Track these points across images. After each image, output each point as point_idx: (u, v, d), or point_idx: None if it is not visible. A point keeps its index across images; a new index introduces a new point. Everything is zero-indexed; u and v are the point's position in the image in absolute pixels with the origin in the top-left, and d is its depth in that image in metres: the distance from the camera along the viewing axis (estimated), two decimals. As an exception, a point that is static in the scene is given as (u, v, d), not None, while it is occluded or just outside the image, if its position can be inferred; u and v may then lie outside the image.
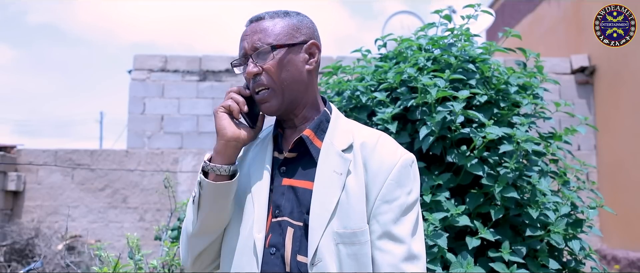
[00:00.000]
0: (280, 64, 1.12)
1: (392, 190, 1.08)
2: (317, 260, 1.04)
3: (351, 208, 1.06)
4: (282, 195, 1.13)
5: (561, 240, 1.75)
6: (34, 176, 6.22)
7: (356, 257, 1.04)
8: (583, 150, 6.52)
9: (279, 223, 1.11)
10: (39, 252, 5.50)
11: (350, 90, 2.07)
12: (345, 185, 1.08)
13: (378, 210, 1.07)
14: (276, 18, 1.15)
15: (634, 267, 5.61)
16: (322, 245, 1.04)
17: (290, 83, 1.13)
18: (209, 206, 1.12)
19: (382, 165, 1.09)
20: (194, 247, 1.17)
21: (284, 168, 1.15)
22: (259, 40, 1.13)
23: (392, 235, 1.06)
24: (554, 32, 7.69)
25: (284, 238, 1.09)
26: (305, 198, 1.10)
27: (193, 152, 6.34)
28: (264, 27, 1.14)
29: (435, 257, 1.68)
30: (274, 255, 1.09)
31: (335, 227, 1.05)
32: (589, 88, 6.66)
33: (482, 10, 2.13)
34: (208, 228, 1.15)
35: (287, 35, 1.14)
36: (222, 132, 1.11)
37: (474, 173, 1.80)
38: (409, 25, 6.55)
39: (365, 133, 1.16)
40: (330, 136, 1.14)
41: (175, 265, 2.48)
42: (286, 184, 1.14)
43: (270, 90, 1.13)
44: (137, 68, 6.51)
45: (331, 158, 1.11)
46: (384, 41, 2.28)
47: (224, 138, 1.11)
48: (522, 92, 1.99)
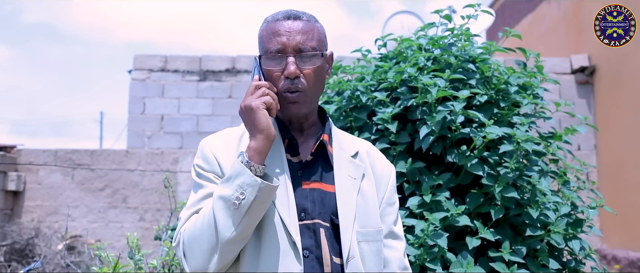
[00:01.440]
0: (317, 72, 1.14)
1: (392, 194, 1.25)
2: (350, 258, 1.10)
3: (369, 209, 1.17)
4: (306, 198, 1.13)
5: (561, 240, 1.75)
6: (34, 176, 6.22)
7: (377, 253, 1.15)
8: (583, 150, 6.52)
9: (307, 225, 1.11)
10: (39, 252, 5.50)
11: (350, 90, 2.07)
12: (361, 189, 1.17)
13: (384, 212, 1.21)
14: (312, 21, 1.16)
15: (634, 267, 5.60)
16: (353, 244, 1.12)
17: (318, 91, 1.17)
18: (258, 210, 1.05)
19: (383, 172, 1.24)
20: (227, 253, 1.06)
21: (301, 172, 1.15)
22: (304, 42, 1.11)
23: (394, 233, 1.22)
24: (554, 32, 7.69)
25: (318, 240, 1.11)
26: (329, 201, 1.13)
27: (193, 152, 6.34)
28: (308, 28, 1.13)
29: (435, 257, 1.68)
30: (308, 258, 1.09)
31: (357, 227, 1.14)
32: (589, 88, 6.66)
33: (482, 10, 2.13)
34: (248, 233, 1.07)
35: (323, 43, 1.17)
36: (268, 131, 1.07)
37: (474, 173, 1.80)
38: (409, 25, 6.55)
39: (360, 142, 1.28)
40: (338, 142, 1.21)
41: (175, 265, 2.48)
42: (308, 187, 1.14)
43: (303, 94, 1.12)
44: (137, 68, 6.51)
45: (344, 163, 1.18)
46: (384, 40, 2.28)
47: (269, 137, 1.07)
48: (522, 92, 1.99)
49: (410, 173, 1.84)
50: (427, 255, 1.68)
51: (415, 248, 1.70)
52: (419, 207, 1.78)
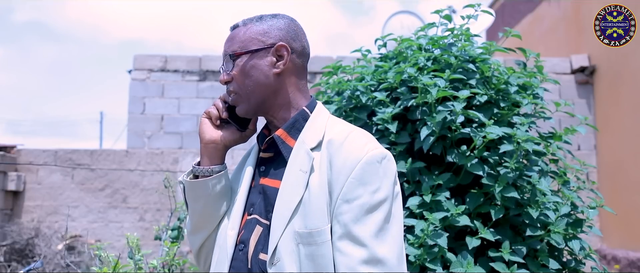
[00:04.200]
0: (242, 71, 1.16)
1: (353, 188, 1.02)
2: (275, 260, 1.04)
3: (311, 207, 1.03)
4: (259, 194, 1.17)
5: (561, 240, 1.75)
6: (34, 176, 6.22)
7: (313, 257, 1.01)
8: (583, 150, 6.52)
9: (250, 220, 1.16)
10: (39, 252, 5.50)
11: (350, 90, 2.07)
12: (308, 184, 1.06)
13: (338, 209, 1.02)
14: (249, 24, 1.19)
15: (634, 267, 5.61)
16: (282, 245, 1.04)
17: (254, 88, 1.16)
18: (192, 204, 1.21)
19: (346, 162, 1.03)
20: (192, 243, 1.27)
21: (263, 168, 1.20)
22: (229, 48, 1.18)
23: (352, 235, 1.00)
24: (554, 32, 7.69)
25: (251, 235, 1.13)
26: (272, 197, 1.12)
27: (193, 152, 6.34)
28: (234, 35, 1.19)
29: (435, 257, 1.69)
30: (242, 252, 1.13)
31: (297, 227, 1.04)
32: (589, 88, 6.66)
33: (482, 10, 2.13)
34: (198, 226, 1.23)
35: (252, 41, 1.17)
36: (200, 136, 1.22)
37: (474, 173, 1.80)
38: (409, 25, 6.55)
39: (337, 129, 1.12)
40: (304, 134, 1.14)
41: (175, 265, 2.48)
42: (261, 183, 1.18)
43: (237, 95, 1.18)
44: (137, 68, 6.51)
45: (300, 156, 1.10)
46: (384, 40, 2.28)
47: (201, 141, 1.22)
48: (522, 92, 1.99)
49: (410, 173, 1.84)
50: (427, 255, 1.68)
51: (415, 248, 1.70)
52: (419, 207, 1.78)
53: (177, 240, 3.21)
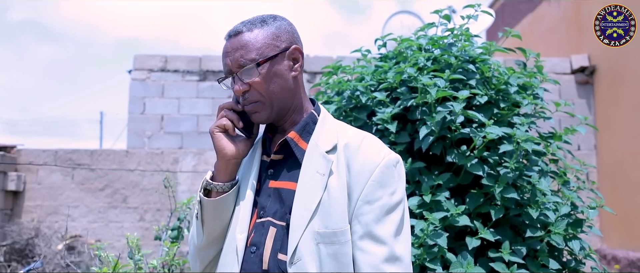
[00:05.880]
0: (266, 78, 1.13)
1: (373, 190, 1.07)
2: (296, 259, 1.05)
3: (332, 208, 1.07)
4: (269, 197, 1.16)
5: (561, 240, 1.75)
6: (34, 176, 6.22)
7: (336, 256, 1.04)
8: (583, 150, 6.52)
9: (262, 223, 1.14)
10: (39, 252, 5.50)
11: (350, 90, 2.07)
12: (327, 186, 1.09)
13: (360, 210, 1.07)
14: (255, 29, 1.15)
15: (634, 267, 5.61)
16: (302, 245, 1.06)
17: (278, 93, 1.15)
18: (212, 221, 1.18)
19: (364, 166, 1.09)
20: (204, 258, 1.22)
21: (272, 171, 1.18)
22: (242, 57, 1.13)
23: (373, 235, 1.06)
24: (554, 32, 7.69)
25: (265, 237, 1.12)
26: (288, 199, 1.12)
27: (193, 152, 6.34)
28: (244, 41, 1.13)
29: (435, 257, 1.68)
30: (254, 254, 1.12)
31: (317, 227, 1.06)
32: (589, 88, 6.66)
33: (482, 10, 2.13)
34: (214, 239, 1.20)
35: (269, 46, 1.14)
36: (221, 152, 1.16)
37: (474, 173, 1.80)
38: (409, 25, 6.55)
39: (350, 133, 1.16)
40: (316, 137, 1.15)
41: (175, 265, 2.48)
42: (272, 186, 1.16)
43: (259, 103, 1.15)
44: (137, 68, 6.51)
45: (315, 159, 1.12)
46: (384, 40, 2.28)
47: (224, 158, 1.16)
48: (522, 92, 1.99)
49: (410, 173, 1.84)
50: (427, 255, 1.68)
51: (415, 248, 1.70)
52: (418, 207, 1.78)
53: (177, 240, 3.20)
